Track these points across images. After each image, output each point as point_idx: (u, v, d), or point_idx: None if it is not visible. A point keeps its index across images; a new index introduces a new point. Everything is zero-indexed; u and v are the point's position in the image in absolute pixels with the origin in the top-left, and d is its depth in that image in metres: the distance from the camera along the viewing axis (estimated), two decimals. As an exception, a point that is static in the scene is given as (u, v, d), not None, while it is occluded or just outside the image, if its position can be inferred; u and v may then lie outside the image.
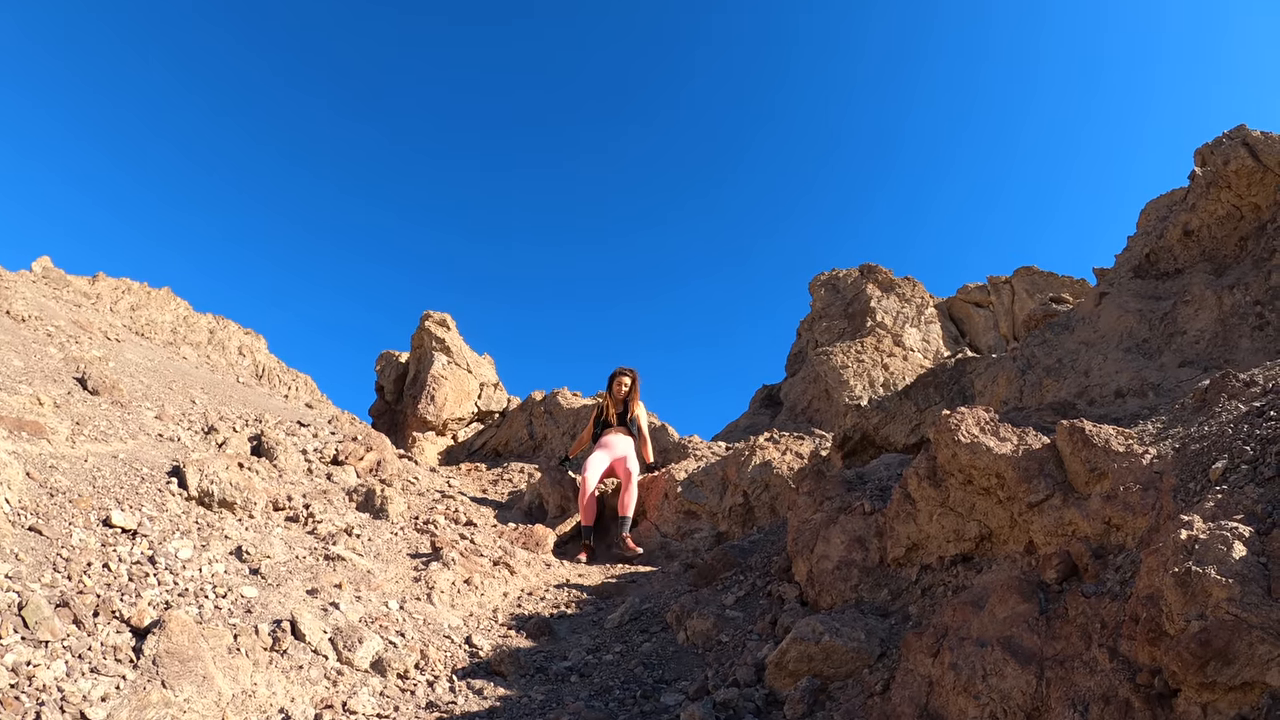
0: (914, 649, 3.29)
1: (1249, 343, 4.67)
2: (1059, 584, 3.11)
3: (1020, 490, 3.59)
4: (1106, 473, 3.29)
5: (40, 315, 11.60)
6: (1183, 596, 2.26)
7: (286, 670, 3.96)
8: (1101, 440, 3.39)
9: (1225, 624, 2.14)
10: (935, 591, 3.88)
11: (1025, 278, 18.62)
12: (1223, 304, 4.95)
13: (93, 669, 3.39)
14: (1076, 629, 2.73)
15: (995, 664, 2.85)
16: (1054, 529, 3.38)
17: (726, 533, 8.22)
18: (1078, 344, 5.41)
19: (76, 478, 5.38)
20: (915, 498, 4.21)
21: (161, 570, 4.54)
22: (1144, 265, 5.82)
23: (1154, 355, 5.00)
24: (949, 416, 4.05)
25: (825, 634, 3.72)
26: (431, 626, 5.10)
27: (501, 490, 11.04)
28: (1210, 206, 5.57)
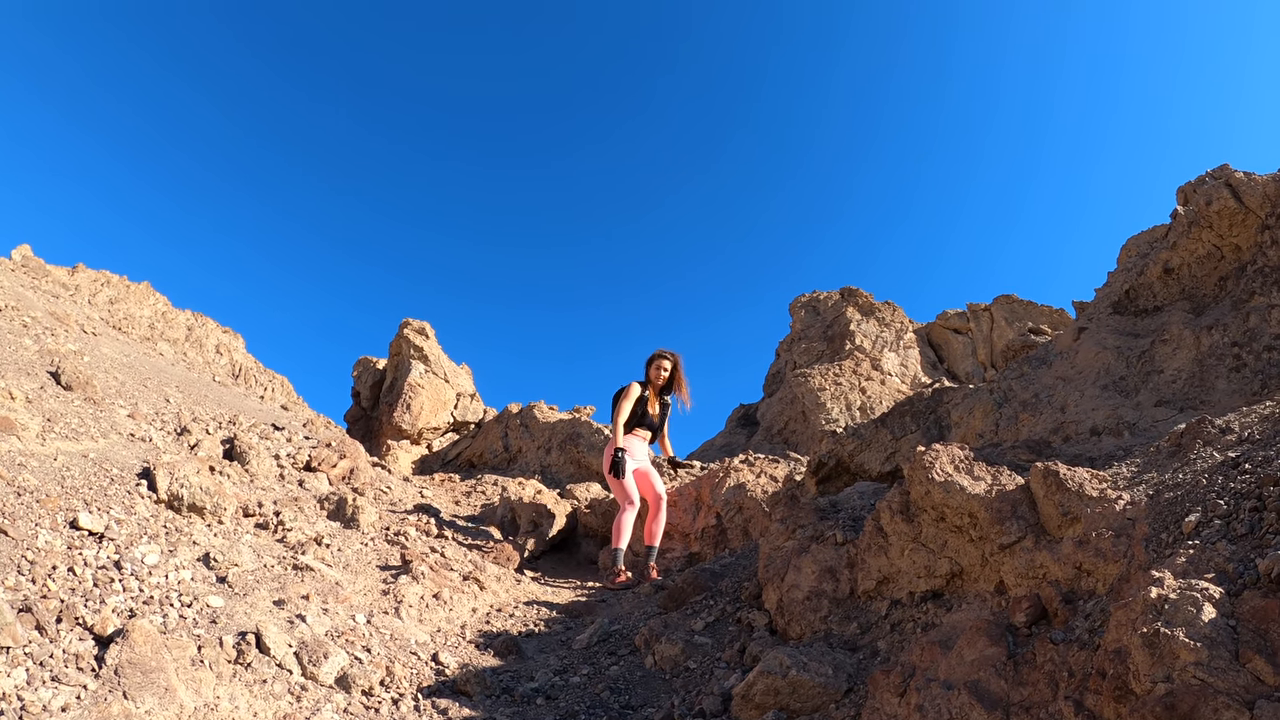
0: (881, 687, 3.29)
1: (1225, 384, 4.70)
2: (1028, 627, 3.10)
3: (993, 531, 3.59)
4: (1079, 517, 3.30)
5: (17, 305, 11.50)
6: (1150, 657, 2.26)
7: (250, 684, 3.92)
8: (1075, 484, 3.40)
9: (1191, 688, 2.13)
10: (904, 628, 3.88)
11: (1004, 306, 18.74)
12: (1200, 344, 4.98)
13: (54, 677, 3.35)
14: (1044, 676, 2.72)
15: (961, 708, 2.84)
16: (1025, 571, 3.38)
17: (699, 554, 8.21)
18: (1055, 379, 5.43)
19: (45, 477, 5.32)
20: (887, 531, 4.21)
21: (127, 576, 4.49)
22: (1123, 301, 5.86)
23: (1131, 394, 5.02)
24: (924, 454, 4.06)
25: (792, 668, 3.71)
26: (398, 642, 5.06)
27: (474, 502, 10.99)
28: (1191, 245, 5.61)
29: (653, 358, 9.04)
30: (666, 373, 8.95)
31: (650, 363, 9.03)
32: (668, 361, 9.00)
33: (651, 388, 8.92)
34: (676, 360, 9.05)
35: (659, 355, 9.03)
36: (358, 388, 18.14)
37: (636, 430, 8.74)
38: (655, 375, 8.94)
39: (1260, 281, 5.22)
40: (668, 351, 9.07)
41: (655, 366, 8.97)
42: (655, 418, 8.87)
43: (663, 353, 9.06)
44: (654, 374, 8.95)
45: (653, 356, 9.05)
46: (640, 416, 8.76)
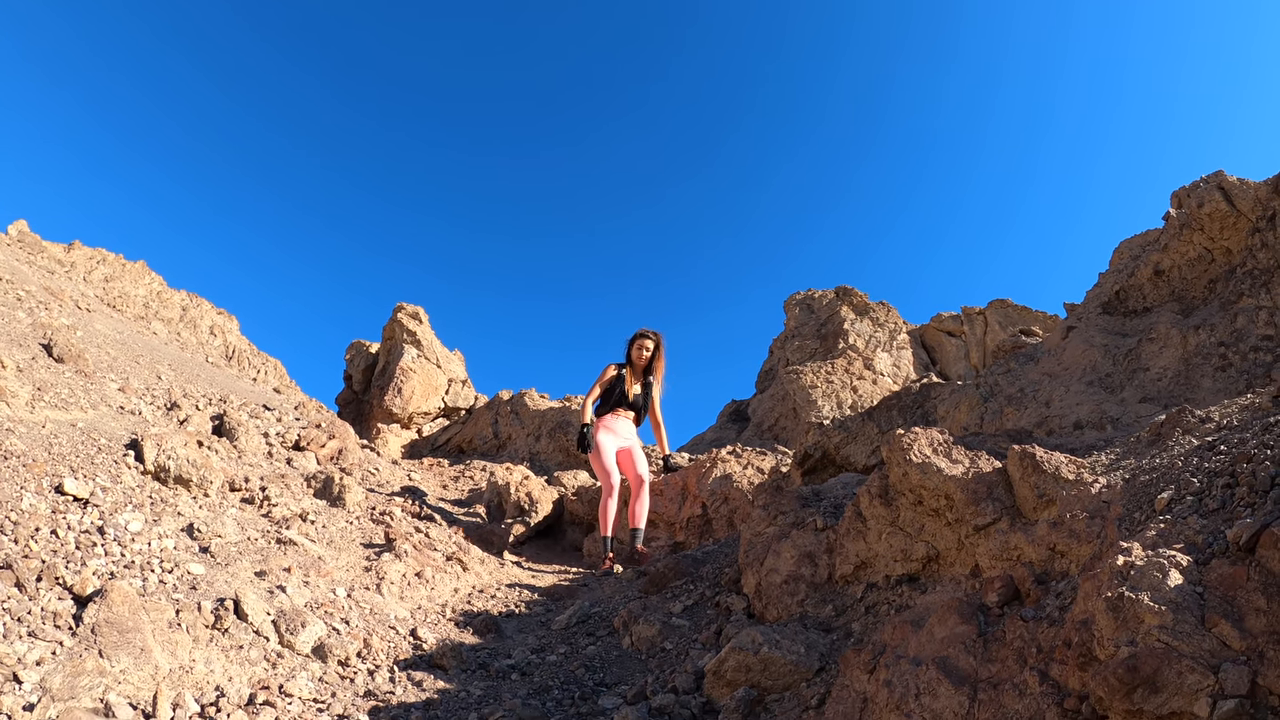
0: (852, 665, 3.30)
1: (1211, 383, 4.72)
2: (1000, 608, 3.10)
3: (968, 512, 3.61)
4: (1055, 499, 3.32)
5: (11, 279, 11.51)
6: (1114, 621, 2.26)
7: (226, 649, 3.93)
8: (1052, 467, 3.42)
9: (1155, 651, 2.13)
10: (879, 610, 3.90)
11: (999, 310, 18.78)
12: (1187, 343, 5.00)
13: (30, 633, 3.36)
14: (1012, 652, 2.73)
15: (929, 683, 2.84)
16: (999, 553, 3.40)
17: (684, 543, 8.24)
18: (1041, 375, 5.45)
19: (32, 443, 5.33)
20: (866, 516, 4.23)
21: (110, 541, 4.51)
22: (1113, 302, 5.88)
23: (1116, 390, 5.04)
24: (902, 436, 4.07)
25: (765, 645, 3.72)
26: (378, 616, 5.08)
27: (462, 487, 11.02)
28: (1182, 248, 5.63)
29: (635, 337, 8.85)
30: (648, 353, 8.76)
31: (632, 342, 8.84)
32: (650, 341, 8.80)
33: (632, 368, 8.74)
34: (658, 340, 8.85)
35: (641, 335, 8.83)
36: (350, 371, 18.16)
37: (619, 410, 8.59)
38: (637, 355, 8.75)
39: (1249, 283, 5.24)
40: (650, 331, 8.86)
41: (637, 346, 8.78)
42: (635, 397, 8.66)
43: (645, 332, 8.85)
44: (635, 354, 8.76)
45: (635, 336, 8.86)
46: (619, 396, 8.61)
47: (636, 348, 8.74)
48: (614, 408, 8.57)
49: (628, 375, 8.66)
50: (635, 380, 8.70)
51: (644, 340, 8.75)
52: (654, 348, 8.76)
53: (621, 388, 8.59)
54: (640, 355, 8.71)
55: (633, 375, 8.70)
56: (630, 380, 8.66)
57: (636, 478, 8.35)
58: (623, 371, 8.68)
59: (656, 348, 8.78)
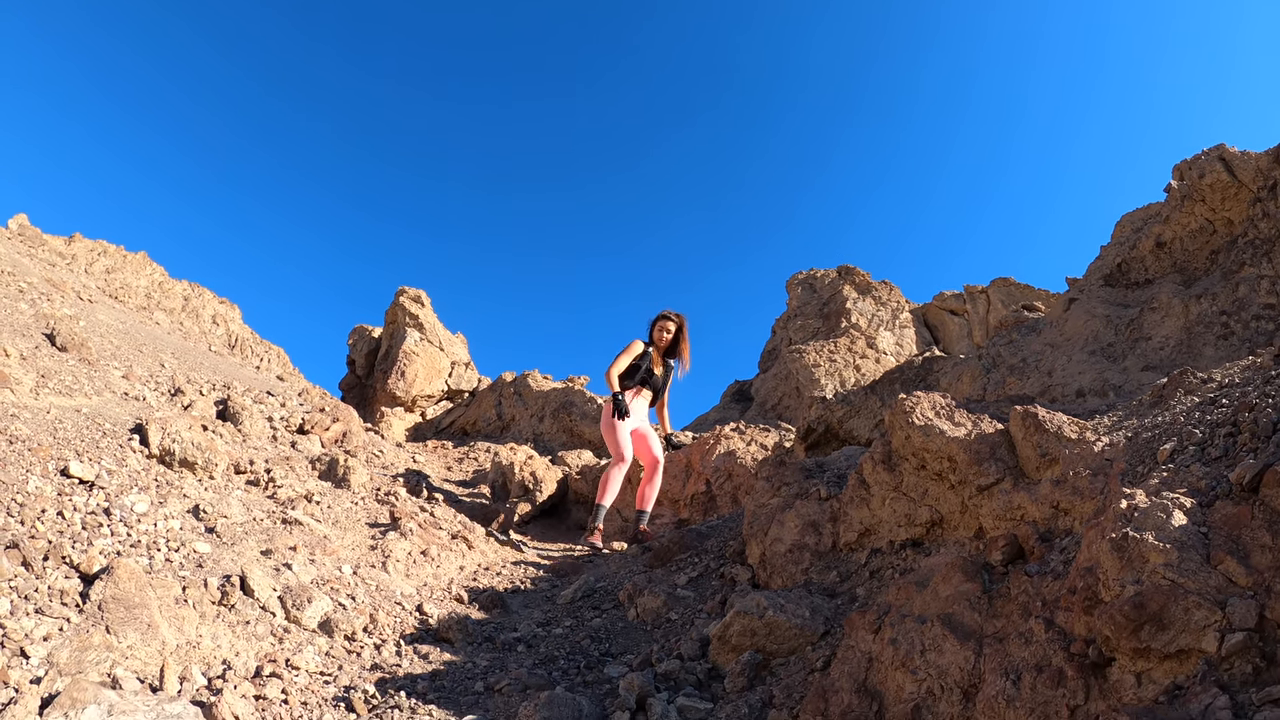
0: (857, 626, 3.30)
1: (1213, 351, 4.72)
2: (1004, 565, 3.12)
3: (971, 473, 3.61)
4: (1057, 458, 3.32)
5: (13, 271, 11.52)
6: (1119, 562, 2.27)
7: (233, 624, 3.95)
8: (1054, 426, 3.42)
9: (1161, 589, 2.14)
10: (883, 574, 3.91)
11: (1001, 288, 18.74)
12: (1189, 312, 5.00)
13: (38, 609, 3.38)
14: (1017, 607, 2.74)
15: (934, 640, 2.85)
16: (1003, 513, 3.40)
17: (688, 520, 8.26)
18: (1043, 345, 5.45)
19: (37, 428, 5.35)
20: (870, 482, 4.24)
21: (115, 522, 4.52)
22: (1115, 274, 5.87)
23: (1118, 359, 5.04)
24: (904, 400, 4.08)
25: (769, 609, 3.74)
26: (383, 593, 5.10)
27: (466, 469, 11.03)
28: (1184, 219, 5.62)
29: (657, 318, 8.59)
30: (670, 335, 8.49)
31: (654, 323, 8.58)
32: (672, 323, 8.52)
33: (654, 349, 8.48)
34: (682, 322, 8.58)
35: (664, 316, 8.57)
36: (353, 356, 18.17)
37: (640, 389, 8.36)
38: (659, 336, 8.48)
39: (1250, 253, 5.23)
40: (673, 313, 8.59)
41: (659, 327, 8.52)
42: (656, 378, 8.46)
43: (668, 314, 8.58)
44: (657, 335, 8.49)
45: (657, 317, 8.60)
46: (646, 375, 8.38)
47: (659, 329, 8.51)
48: (637, 385, 8.33)
49: (654, 356, 8.44)
50: (659, 361, 8.49)
51: (666, 322, 8.52)
52: (676, 330, 8.53)
53: (648, 365, 8.37)
54: (662, 337, 8.47)
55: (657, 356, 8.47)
56: (656, 361, 8.45)
57: (653, 459, 8.23)
58: (649, 350, 8.44)
59: (679, 330, 8.55)
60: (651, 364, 8.37)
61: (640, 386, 8.33)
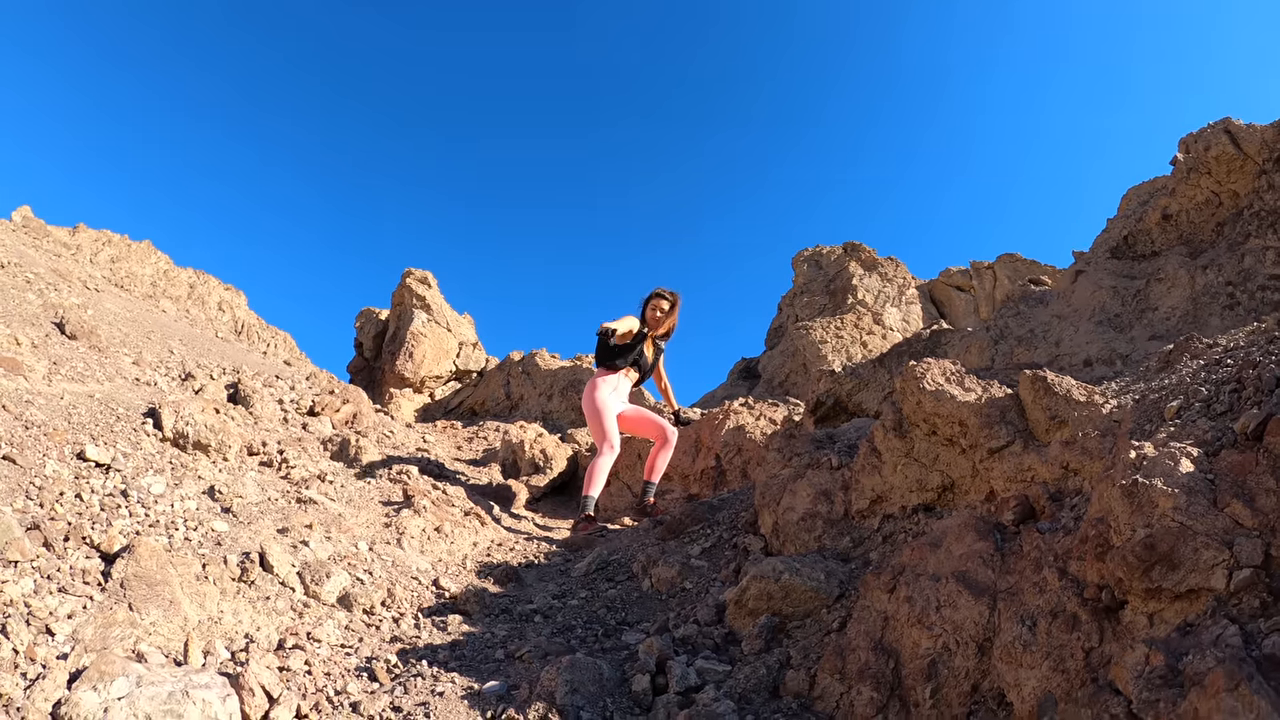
0: (872, 587, 3.36)
1: (1219, 321, 4.75)
2: (1016, 525, 3.17)
3: (982, 436, 3.65)
4: (1067, 420, 3.36)
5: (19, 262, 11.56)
6: (1130, 507, 2.33)
7: (253, 600, 4.00)
8: (1063, 389, 3.45)
9: (1171, 530, 2.21)
10: (896, 538, 3.96)
11: (1008, 264, 18.76)
12: (1195, 283, 5.02)
13: (61, 589, 3.41)
14: (1030, 563, 2.79)
15: (949, 596, 2.91)
16: (1014, 475, 3.45)
17: (698, 494, 8.28)
18: (1050, 316, 5.48)
19: (52, 413, 5.39)
20: (881, 450, 4.28)
21: (133, 503, 4.57)
22: (1121, 246, 5.89)
23: (1125, 329, 5.07)
24: (915, 366, 4.11)
25: (785, 573, 3.79)
26: (400, 568, 5.15)
27: (476, 448, 11.08)
28: (1190, 192, 5.64)
29: (650, 296, 8.26)
30: (663, 314, 8.16)
31: (647, 301, 8.24)
32: (665, 301, 8.19)
33: (647, 328, 8.13)
34: (675, 300, 8.24)
35: (657, 294, 8.24)
36: (360, 338, 18.20)
37: (628, 370, 8.10)
38: (651, 315, 8.15)
39: (1256, 224, 5.25)
40: (666, 291, 8.26)
41: (652, 306, 8.18)
42: (649, 359, 8.21)
43: (661, 291, 8.26)
44: (650, 313, 8.16)
45: (651, 295, 8.27)
46: (638, 355, 8.09)
47: (651, 307, 8.19)
48: (628, 365, 8.07)
49: (649, 336, 8.15)
50: (650, 342, 8.18)
51: (659, 300, 8.20)
52: (669, 308, 8.21)
53: (641, 347, 8.07)
54: (655, 316, 8.16)
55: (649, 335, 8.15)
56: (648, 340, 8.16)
57: (667, 430, 7.98)
58: (644, 330, 8.10)
59: (672, 308, 8.22)
60: (643, 344, 8.11)
61: (631, 367, 8.12)
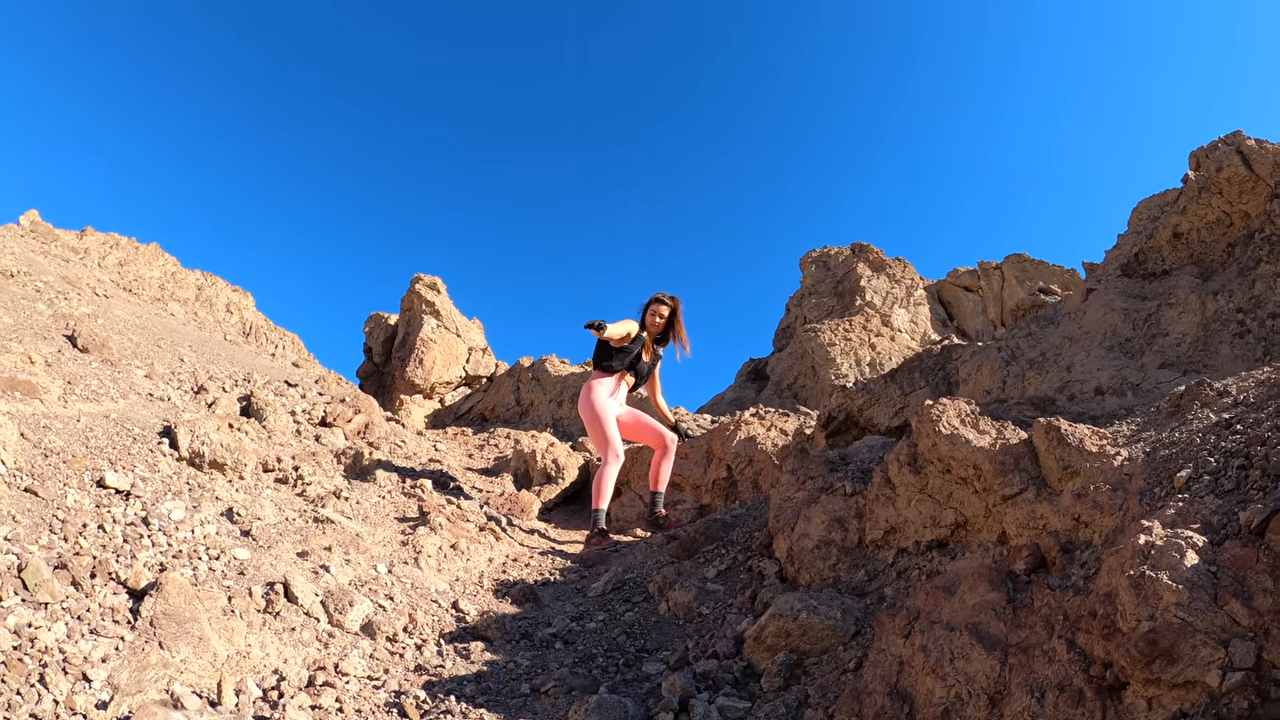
0: (887, 629, 3.45)
1: (1229, 349, 4.78)
2: (1027, 574, 3.26)
3: (996, 483, 3.72)
4: (1079, 471, 3.42)
5: (29, 271, 11.62)
6: (1136, 597, 2.42)
7: (280, 632, 4.05)
8: (1076, 440, 3.51)
9: (1172, 626, 2.31)
10: (910, 575, 4.02)
11: (1016, 265, 18.77)
12: (1206, 309, 5.05)
13: (92, 630, 3.47)
14: (1040, 619, 2.88)
15: (963, 648, 3.00)
16: (1026, 522, 3.51)
17: (709, 505, 8.33)
18: (1062, 338, 5.51)
19: (70, 438, 5.45)
20: (895, 482, 4.33)
21: (155, 531, 4.62)
22: (1132, 264, 5.91)
23: (1135, 355, 5.10)
24: (931, 407, 4.17)
25: (803, 611, 3.85)
26: (419, 590, 5.21)
27: (487, 455, 11.13)
28: (1201, 211, 5.65)
29: (650, 301, 8.06)
30: (663, 320, 8.00)
31: (646, 307, 8.05)
32: (665, 307, 8.01)
33: (646, 334, 7.95)
34: (676, 305, 8.06)
35: (656, 300, 8.04)
36: (369, 344, 18.26)
37: (625, 375, 7.94)
38: (651, 321, 7.98)
39: (1267, 250, 5.27)
40: (666, 295, 8.07)
41: (652, 311, 8.00)
42: (645, 365, 8.02)
43: (661, 297, 8.05)
44: (650, 319, 7.98)
45: (650, 300, 8.07)
46: (634, 360, 7.92)
47: (651, 313, 8.00)
48: (624, 370, 7.92)
49: (647, 340, 7.94)
50: (648, 348, 7.99)
51: (659, 305, 8.01)
52: (670, 314, 8.04)
53: (639, 351, 7.89)
54: (654, 321, 7.99)
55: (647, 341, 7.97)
56: (647, 346, 7.96)
57: (666, 438, 7.91)
58: (642, 335, 7.92)
59: (673, 313, 8.05)
60: (642, 349, 7.93)
61: (628, 371, 7.96)
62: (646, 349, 7.96)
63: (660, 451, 7.93)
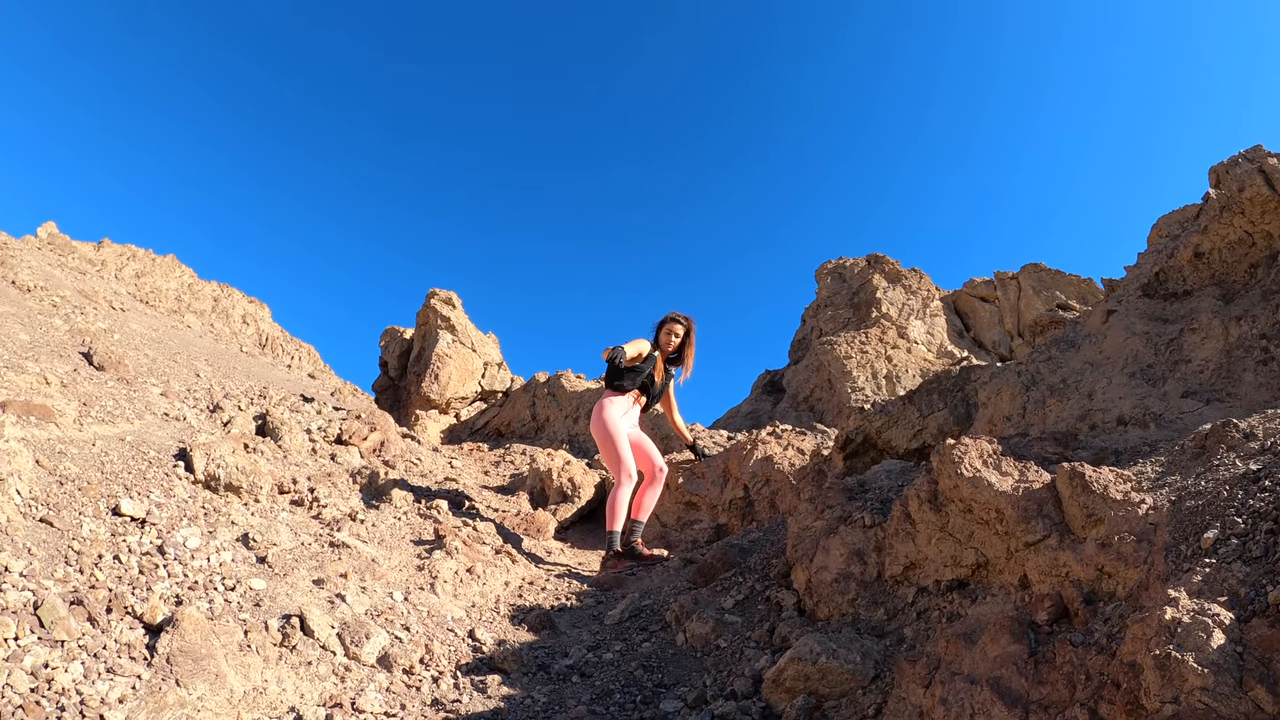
0: (907, 677, 3.41)
1: (1253, 377, 4.72)
2: (1049, 625, 3.22)
3: (1018, 529, 3.68)
4: (1103, 519, 3.38)
5: (46, 285, 11.69)
6: (1160, 678, 2.37)
7: (296, 666, 4.04)
8: (1100, 487, 3.47)
9: (1196, 711, 2.26)
10: (930, 616, 3.98)
11: (1032, 275, 18.70)
12: (1229, 334, 4.98)
13: (109, 669, 3.45)
14: (1062, 677, 2.84)
15: (983, 704, 2.96)
16: (1048, 569, 3.47)
17: (726, 525, 8.30)
18: (1083, 364, 5.46)
19: (85, 464, 5.45)
20: (915, 519, 4.30)
21: (171, 561, 4.62)
22: (1153, 284, 5.85)
23: (1158, 382, 5.04)
24: (953, 448, 4.13)
25: (822, 655, 3.82)
26: (435, 619, 5.19)
27: (503, 472, 11.13)
28: (1222, 230, 5.59)
29: (665, 321, 8.02)
30: (677, 339, 7.97)
31: (661, 326, 8.02)
32: (680, 326, 7.98)
33: (659, 353, 7.92)
34: (690, 326, 8.03)
35: (671, 319, 8.00)
36: (385, 358, 18.30)
37: (636, 394, 7.86)
38: (665, 340, 7.95)
39: (1290, 274, 5.20)
40: (681, 315, 8.03)
41: (666, 331, 7.97)
42: (658, 386, 7.96)
43: (676, 316, 8.02)
44: (664, 339, 7.96)
45: (665, 319, 8.03)
46: (646, 381, 7.85)
47: (665, 332, 7.98)
48: (633, 389, 7.84)
49: (658, 360, 7.90)
50: (659, 368, 7.93)
51: (674, 325, 7.98)
52: (684, 334, 8.02)
53: (650, 371, 7.83)
54: (669, 341, 7.97)
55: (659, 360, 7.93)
56: (659, 366, 7.92)
57: (657, 467, 7.87)
58: (654, 354, 7.89)
59: (687, 334, 8.03)
60: (655, 369, 7.89)
61: (638, 391, 7.89)
62: (658, 368, 7.89)
63: (649, 480, 7.87)
